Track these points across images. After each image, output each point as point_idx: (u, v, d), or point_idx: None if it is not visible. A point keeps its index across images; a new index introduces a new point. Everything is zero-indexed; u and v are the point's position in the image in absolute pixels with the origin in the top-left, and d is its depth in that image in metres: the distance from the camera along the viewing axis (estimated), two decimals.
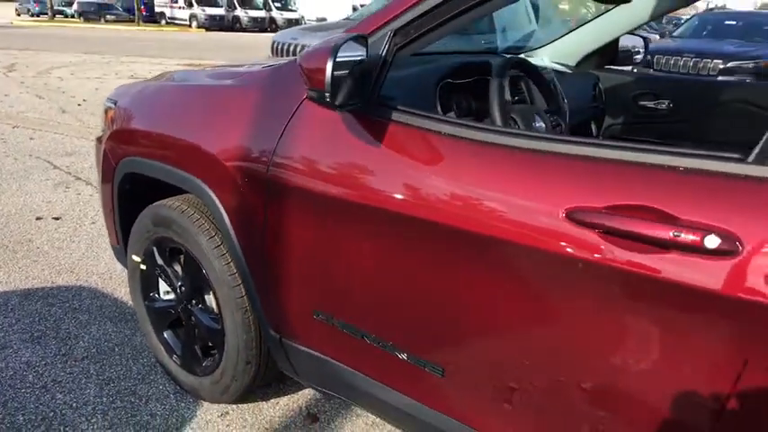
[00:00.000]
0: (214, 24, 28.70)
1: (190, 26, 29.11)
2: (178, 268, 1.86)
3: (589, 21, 2.30)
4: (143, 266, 1.95)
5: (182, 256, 1.83)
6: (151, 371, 2.06)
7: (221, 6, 29.94)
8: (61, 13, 34.53)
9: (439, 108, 1.55)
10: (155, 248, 1.88)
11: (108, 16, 30.74)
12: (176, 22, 30.32)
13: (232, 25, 29.32)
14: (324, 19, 26.16)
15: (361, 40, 1.18)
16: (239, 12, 30.24)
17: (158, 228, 1.82)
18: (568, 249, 0.93)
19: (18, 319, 2.34)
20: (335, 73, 1.09)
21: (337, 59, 1.09)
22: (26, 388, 1.94)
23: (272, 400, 1.95)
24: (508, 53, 2.43)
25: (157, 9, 31.49)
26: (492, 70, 1.53)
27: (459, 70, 1.63)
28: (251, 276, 1.55)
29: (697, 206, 0.85)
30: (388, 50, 1.23)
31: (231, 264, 1.61)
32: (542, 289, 1.00)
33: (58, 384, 1.97)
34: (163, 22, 30.92)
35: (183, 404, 1.91)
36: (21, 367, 2.05)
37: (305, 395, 1.98)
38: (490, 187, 1.06)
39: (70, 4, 34.90)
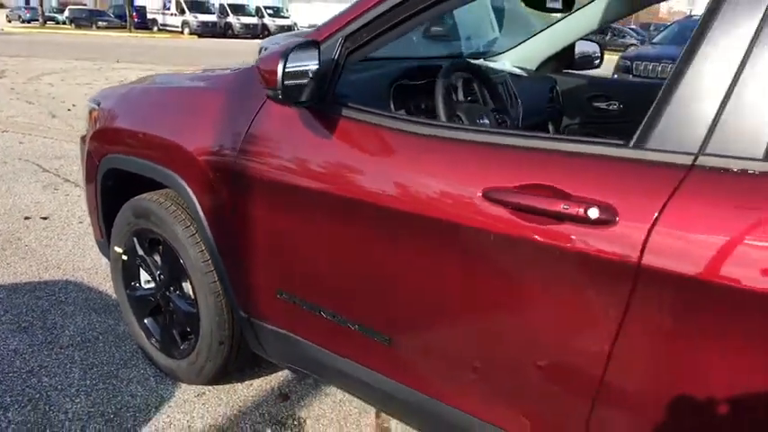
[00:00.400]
0: (206, 31, 28.92)
1: (182, 32, 29.29)
2: (157, 258, 2.00)
3: (545, 29, 2.47)
4: (125, 257, 2.08)
5: (160, 246, 1.96)
6: (133, 357, 2.19)
7: (213, 13, 30.17)
8: (52, 19, 34.66)
9: (392, 106, 1.71)
10: (135, 239, 2.02)
11: (100, 23, 30.83)
12: (168, 28, 30.51)
13: (224, 32, 29.55)
14: (315, 26, 26.38)
15: (314, 45, 1.33)
16: (231, 18, 30.47)
17: (139, 219, 1.95)
18: (484, 223, 1.08)
19: (6, 311, 2.46)
20: (288, 73, 1.23)
21: (290, 63, 1.24)
22: (13, 372, 2.06)
23: (246, 382, 2.08)
24: (474, 58, 2.60)
25: (149, 16, 31.67)
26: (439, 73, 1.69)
27: (413, 73, 1.78)
28: (222, 262, 1.68)
29: (585, 184, 1.00)
30: (339, 54, 1.38)
31: (204, 251, 1.75)
32: (464, 258, 1.15)
33: (44, 369, 2.10)
34: (155, 28, 31.09)
35: (162, 386, 2.04)
36: (8, 354, 2.17)
37: (278, 377, 2.12)
38: (423, 172, 1.21)
39: (62, 11, 35.02)
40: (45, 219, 3.52)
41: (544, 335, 1.08)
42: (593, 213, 0.96)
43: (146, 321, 2.10)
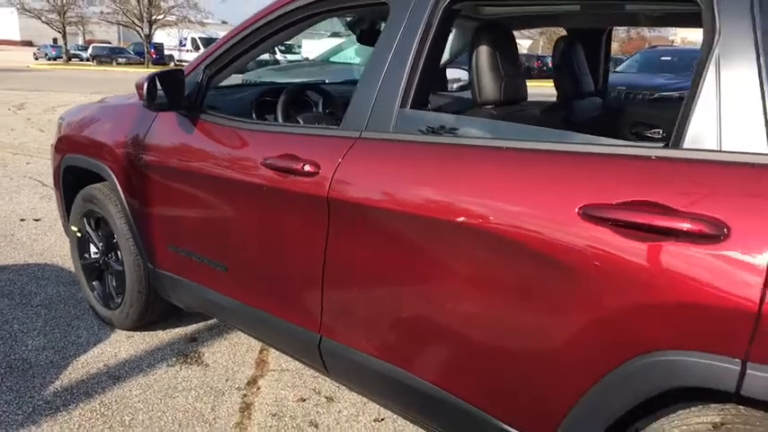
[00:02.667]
0: None
1: None
2: (100, 232, 2.66)
3: None
4: (78, 234, 2.75)
5: (101, 224, 2.63)
6: (85, 313, 2.84)
7: None
8: (77, 56, 36.56)
9: (253, 115, 2.38)
10: (85, 220, 2.69)
11: (120, 59, 32.43)
12: (184, 64, 32.07)
13: None
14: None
15: (180, 72, 2.00)
16: None
17: (87, 203, 2.62)
18: (262, 180, 1.72)
19: None
20: (150, 90, 1.90)
21: (153, 83, 1.91)
22: None
23: (166, 330, 2.71)
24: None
25: (167, 52, 33.28)
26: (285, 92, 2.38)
27: (272, 93, 2.47)
28: (136, 229, 2.34)
29: (309, 152, 1.63)
30: (202, 79, 2.05)
31: (126, 223, 2.41)
32: (255, 206, 1.79)
33: (16, 319, 2.75)
34: (171, 64, 32.63)
35: (102, 331, 2.68)
36: None
37: (192, 327, 2.74)
38: (239, 151, 1.86)
39: (86, 49, 36.91)
40: (37, 220, 4.23)
41: (296, 248, 1.71)
42: (307, 168, 1.60)
43: (93, 283, 2.76)
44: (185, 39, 32.37)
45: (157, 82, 1.91)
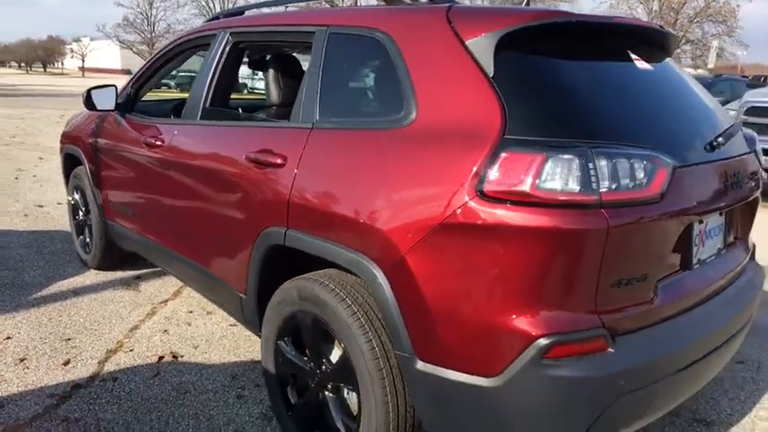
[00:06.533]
0: None
1: None
2: (83, 199, 3.82)
3: None
4: (72, 202, 3.93)
5: (83, 193, 3.78)
6: (75, 260, 3.99)
7: None
8: (166, 84, 40.20)
9: (171, 117, 3.45)
10: (74, 190, 3.86)
11: None
12: (256, 91, 34.62)
13: None
14: None
15: (114, 87, 3.11)
16: None
17: (74, 179, 3.79)
18: (141, 151, 2.77)
19: (22, 238, 4.38)
20: (89, 98, 3.01)
21: (94, 92, 3.02)
22: (13, 259, 3.93)
23: (124, 271, 3.80)
24: None
25: (241, 81, 36.05)
26: None
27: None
28: (97, 193, 3.46)
29: (164, 133, 2.65)
30: (131, 92, 3.16)
31: (92, 190, 3.53)
32: (140, 167, 2.83)
33: (28, 260, 3.95)
34: (245, 91, 35.33)
35: (81, 270, 3.81)
36: (17, 255, 4.05)
37: (142, 271, 3.82)
38: (137, 135, 2.92)
39: (174, 77, 40.46)
40: (59, 204, 5.55)
41: (155, 192, 2.72)
42: (158, 142, 2.62)
43: (79, 237, 3.92)
44: None
45: (92, 93, 3.03)
